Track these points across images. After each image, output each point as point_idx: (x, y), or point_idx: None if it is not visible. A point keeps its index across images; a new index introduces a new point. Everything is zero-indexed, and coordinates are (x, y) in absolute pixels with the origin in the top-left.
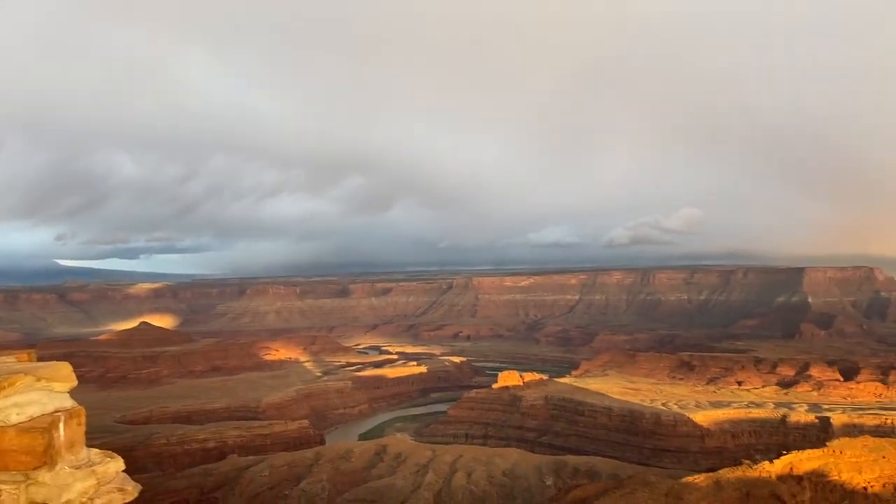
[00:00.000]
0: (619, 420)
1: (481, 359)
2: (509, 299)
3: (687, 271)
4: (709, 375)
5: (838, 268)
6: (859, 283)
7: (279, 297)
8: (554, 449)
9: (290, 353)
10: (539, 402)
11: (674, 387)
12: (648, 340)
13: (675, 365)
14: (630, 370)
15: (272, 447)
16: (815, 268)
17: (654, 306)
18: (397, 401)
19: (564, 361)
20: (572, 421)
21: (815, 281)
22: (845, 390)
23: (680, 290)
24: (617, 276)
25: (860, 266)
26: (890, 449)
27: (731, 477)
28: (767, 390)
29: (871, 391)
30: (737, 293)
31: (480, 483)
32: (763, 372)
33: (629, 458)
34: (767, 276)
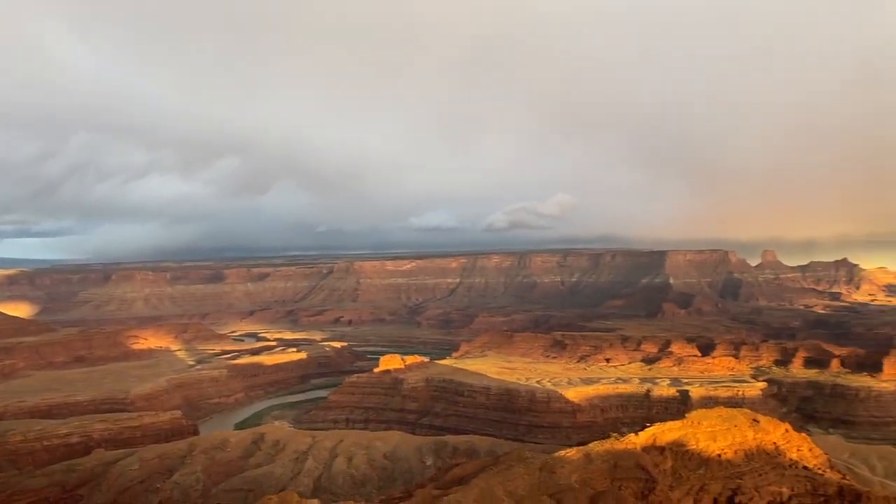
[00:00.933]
0: (497, 399)
1: (363, 343)
2: (391, 283)
3: (560, 255)
4: (580, 353)
5: (696, 251)
6: (715, 265)
7: (148, 284)
8: (435, 430)
9: (160, 342)
10: (420, 384)
11: (548, 365)
12: (525, 321)
13: (549, 344)
14: (507, 350)
15: (142, 440)
16: (676, 251)
17: (530, 288)
18: (275, 388)
19: (445, 343)
20: (452, 402)
21: (675, 263)
22: (703, 365)
23: (554, 272)
24: (495, 259)
25: (716, 249)
26: (741, 418)
27: (601, 450)
28: (633, 366)
29: (725, 365)
30: (605, 275)
31: (361, 467)
32: (629, 349)
33: (506, 435)
34: (633, 258)
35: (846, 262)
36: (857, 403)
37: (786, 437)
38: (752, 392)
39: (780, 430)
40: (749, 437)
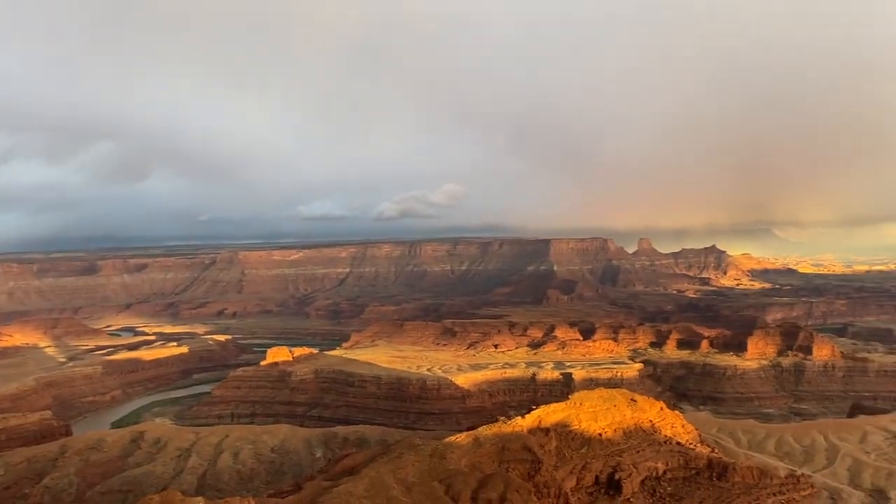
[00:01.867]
0: (388, 388)
1: (249, 336)
2: (278, 273)
3: (450, 243)
4: (469, 340)
5: (578, 239)
6: (595, 253)
7: (12, 276)
8: (325, 421)
9: (26, 339)
10: (309, 376)
11: (438, 353)
12: (415, 310)
13: (440, 332)
14: (398, 339)
15: (8, 443)
16: (560, 239)
17: (420, 277)
18: (155, 384)
19: (335, 334)
20: (342, 392)
21: (559, 251)
22: (584, 348)
23: (444, 261)
24: (386, 248)
25: (596, 238)
26: (619, 398)
27: (489, 433)
28: (520, 351)
29: (604, 348)
30: (494, 263)
31: (248, 462)
32: (516, 335)
33: (397, 423)
34: (520, 247)
35: (714, 249)
36: (725, 381)
37: (661, 415)
38: (629, 373)
39: (656, 408)
40: (627, 416)
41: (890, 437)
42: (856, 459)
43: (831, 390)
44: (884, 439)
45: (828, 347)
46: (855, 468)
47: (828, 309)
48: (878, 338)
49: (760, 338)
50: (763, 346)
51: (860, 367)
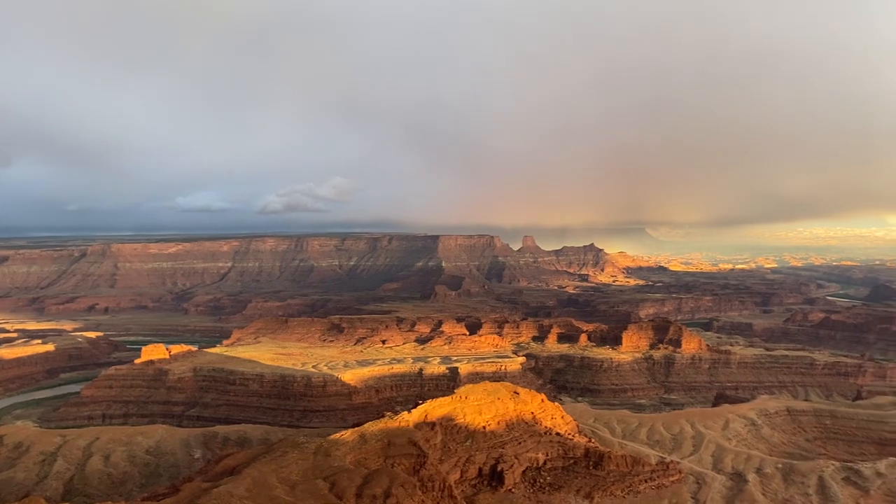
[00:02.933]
0: (271, 386)
1: (122, 333)
2: (154, 267)
3: (338, 238)
4: (357, 336)
5: (466, 236)
6: (482, 249)
7: None
8: (204, 421)
9: None
10: (187, 374)
11: (325, 349)
12: (301, 306)
13: (327, 328)
14: (283, 336)
15: None
16: (448, 236)
17: (307, 272)
18: (17, 385)
19: (216, 331)
20: (223, 391)
21: (447, 247)
22: (470, 343)
23: (332, 256)
24: (271, 242)
25: (483, 235)
26: (503, 391)
27: (375, 429)
28: (408, 347)
29: (490, 342)
30: (383, 259)
31: (120, 465)
32: (404, 330)
33: (281, 422)
34: (409, 242)
35: (593, 247)
36: (601, 373)
37: (542, 407)
38: (513, 366)
39: (537, 400)
40: (510, 409)
41: (749, 424)
42: (719, 445)
43: (698, 381)
44: (743, 426)
45: (695, 341)
46: (718, 454)
47: (696, 305)
48: (740, 331)
49: (634, 332)
50: (637, 340)
51: (724, 360)
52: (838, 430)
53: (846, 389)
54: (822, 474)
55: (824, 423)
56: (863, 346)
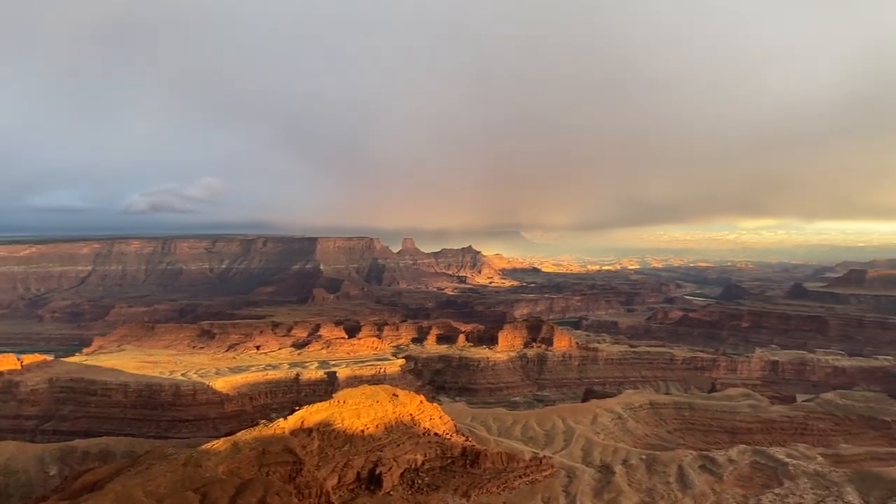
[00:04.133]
0: (137, 396)
1: None
2: (5, 272)
3: (209, 240)
4: (229, 342)
5: (345, 238)
6: (362, 251)
7: None
8: (61, 435)
9: None
10: (42, 385)
11: (194, 356)
12: (169, 311)
13: (196, 334)
14: (149, 343)
15: None
16: (327, 238)
17: (175, 276)
18: None
19: (74, 339)
20: (83, 403)
21: (326, 250)
22: (349, 346)
23: (202, 258)
24: (135, 244)
25: (363, 237)
26: (382, 394)
27: (249, 437)
28: (283, 352)
29: (369, 345)
30: (257, 261)
31: None
32: (280, 335)
33: (147, 433)
34: (285, 245)
35: (471, 250)
36: (478, 373)
37: (420, 408)
38: (392, 368)
39: (416, 402)
40: (389, 411)
41: (615, 418)
42: (588, 439)
43: (569, 378)
44: (610, 420)
45: (566, 339)
46: (587, 447)
47: (566, 304)
48: (606, 329)
49: (509, 331)
50: (512, 339)
51: (592, 357)
52: (695, 421)
53: (702, 382)
54: (682, 463)
55: (683, 415)
56: (717, 341)
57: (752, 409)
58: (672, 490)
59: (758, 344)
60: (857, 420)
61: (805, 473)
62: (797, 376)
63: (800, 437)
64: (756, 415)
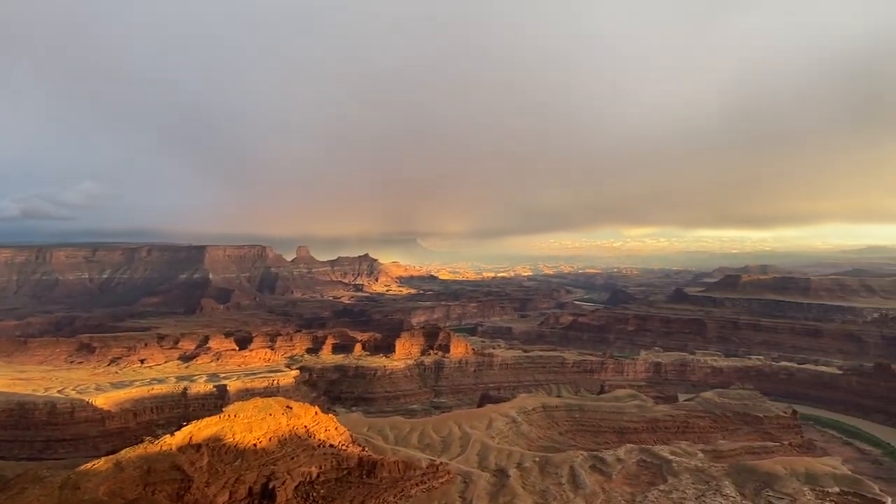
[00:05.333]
0: (7, 415)
1: None
2: None
3: (89, 248)
4: (111, 356)
5: (236, 246)
6: (253, 260)
7: None
8: None
9: None
10: None
11: (72, 372)
12: (44, 324)
13: (74, 349)
14: (21, 359)
15: None
16: (216, 246)
17: (51, 286)
18: None
19: None
20: None
21: (215, 258)
22: (240, 358)
23: (81, 268)
24: (6, 253)
25: (254, 245)
26: (276, 406)
27: (133, 456)
28: (170, 365)
29: (261, 357)
30: (141, 271)
31: None
32: (166, 348)
33: (19, 455)
34: (171, 253)
35: (367, 257)
36: (375, 382)
37: (315, 420)
38: (286, 380)
39: (311, 413)
40: (283, 424)
41: (510, 422)
42: (484, 444)
43: (465, 383)
44: (505, 424)
45: (462, 345)
46: (483, 452)
47: (463, 311)
48: (501, 335)
49: (407, 339)
50: (409, 347)
51: (488, 362)
52: (586, 422)
53: (592, 385)
54: (573, 464)
55: (574, 417)
56: (605, 344)
57: (639, 409)
58: (564, 491)
59: (642, 346)
60: (733, 417)
61: (687, 469)
62: (679, 376)
63: (682, 435)
64: (642, 414)
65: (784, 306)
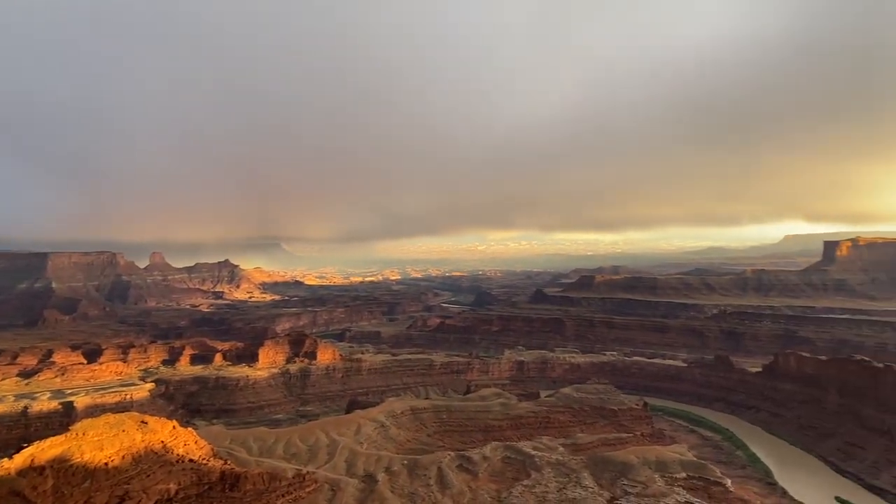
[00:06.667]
0: None
1: None
2: None
3: None
4: None
5: (83, 253)
6: (103, 267)
7: None
8: None
9: None
10: None
11: None
12: None
13: None
14: None
15: None
16: (60, 253)
17: None
18: None
19: None
20: None
21: (59, 266)
22: (89, 372)
23: None
24: None
25: (104, 251)
26: (129, 422)
27: None
28: (8, 382)
29: (113, 370)
30: None
31: None
32: (3, 364)
33: None
34: (9, 261)
35: (228, 263)
36: (237, 392)
37: (173, 434)
38: (140, 394)
39: (168, 428)
40: (137, 440)
41: (378, 427)
42: (352, 451)
43: (332, 390)
44: (374, 429)
45: (330, 352)
46: (351, 459)
47: (330, 317)
48: (370, 340)
49: (271, 347)
50: (273, 355)
51: (356, 367)
52: (453, 422)
53: (458, 385)
54: (441, 465)
55: (442, 418)
56: (471, 345)
57: (503, 407)
58: (432, 492)
59: (506, 346)
60: (590, 411)
61: (549, 464)
62: (540, 374)
63: (544, 430)
64: (506, 412)
65: (635, 304)
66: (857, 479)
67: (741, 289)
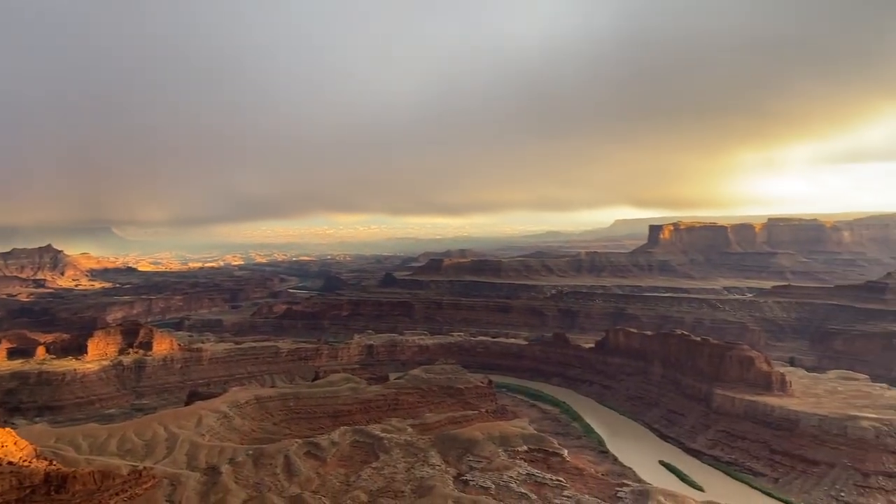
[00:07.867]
0: None
1: None
2: None
3: None
4: None
5: None
6: None
7: None
8: None
9: None
10: None
11: None
12: None
13: None
14: None
15: None
16: None
17: None
18: None
19: None
20: None
21: None
22: None
23: None
24: None
25: None
26: None
27: None
28: None
29: None
30: None
31: None
32: None
33: None
34: None
35: (50, 249)
36: (63, 388)
37: None
38: None
39: None
40: None
41: (221, 418)
42: (193, 443)
43: (171, 382)
44: (216, 420)
45: (167, 342)
46: (192, 452)
47: (166, 305)
48: (210, 328)
49: (101, 338)
50: (104, 347)
51: (196, 357)
52: (300, 409)
53: (307, 372)
54: (288, 453)
55: (289, 406)
56: (319, 331)
57: (352, 391)
58: (279, 480)
59: (356, 330)
60: (438, 391)
61: (398, 445)
62: (389, 357)
63: (393, 413)
64: (355, 396)
65: (480, 286)
66: (678, 443)
67: (576, 270)
